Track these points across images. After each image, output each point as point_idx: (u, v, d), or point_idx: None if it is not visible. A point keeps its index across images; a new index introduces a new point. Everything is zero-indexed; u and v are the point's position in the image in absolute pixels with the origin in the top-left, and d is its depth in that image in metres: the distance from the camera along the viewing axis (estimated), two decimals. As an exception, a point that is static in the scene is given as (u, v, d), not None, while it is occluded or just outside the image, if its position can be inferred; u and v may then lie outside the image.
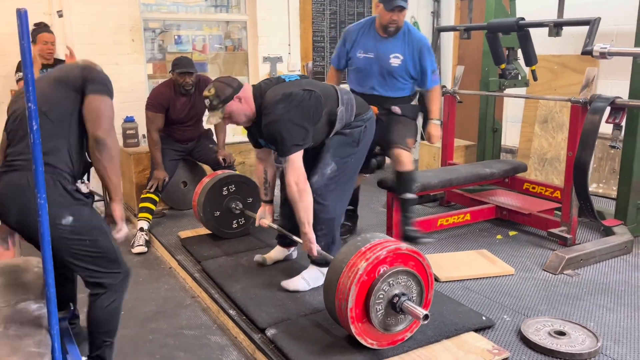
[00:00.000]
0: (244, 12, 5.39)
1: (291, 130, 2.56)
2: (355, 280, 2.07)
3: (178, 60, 4.04)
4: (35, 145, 1.73)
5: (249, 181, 3.73)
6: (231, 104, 2.63)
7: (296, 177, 2.57)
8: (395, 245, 2.16)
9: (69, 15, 4.35)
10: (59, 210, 1.98)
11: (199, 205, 3.58)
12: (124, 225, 2.23)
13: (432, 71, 3.40)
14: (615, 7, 4.48)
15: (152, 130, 4.04)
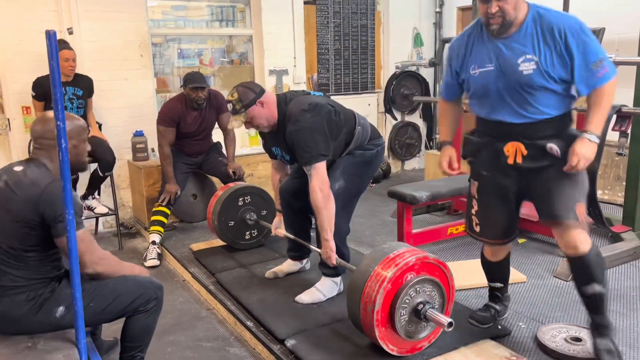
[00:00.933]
0: (249, 27, 5.46)
1: (317, 140, 2.61)
2: (384, 284, 2.11)
3: (190, 76, 4.08)
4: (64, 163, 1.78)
5: (265, 194, 3.77)
6: (253, 108, 2.68)
7: (321, 183, 2.61)
8: (423, 254, 2.20)
9: (79, 32, 4.41)
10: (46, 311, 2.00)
11: (214, 214, 3.62)
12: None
13: (598, 61, 2.09)
14: (617, 16, 4.55)
15: (164, 144, 4.08)
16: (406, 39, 6.36)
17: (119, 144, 4.65)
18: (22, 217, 1.91)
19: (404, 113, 6.48)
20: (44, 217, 1.91)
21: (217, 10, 5.44)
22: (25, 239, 1.94)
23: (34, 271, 1.99)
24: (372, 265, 2.21)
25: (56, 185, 1.93)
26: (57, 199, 1.90)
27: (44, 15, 4.32)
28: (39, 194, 1.91)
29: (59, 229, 1.92)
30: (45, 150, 2.02)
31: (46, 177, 1.97)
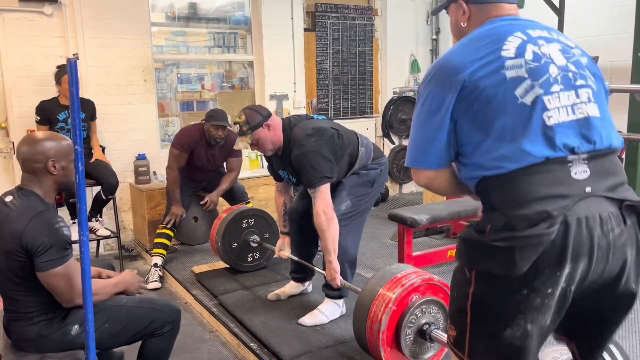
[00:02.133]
0: (250, 53, 5.58)
1: (321, 163, 2.68)
2: (390, 304, 2.15)
3: (215, 112, 4.12)
4: (81, 186, 1.83)
5: (268, 216, 3.82)
6: (260, 130, 2.76)
7: (324, 206, 2.67)
8: (428, 275, 2.27)
9: (84, 58, 4.50)
10: (62, 331, 2.01)
11: (217, 235, 3.66)
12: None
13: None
14: (609, 44, 4.69)
15: (174, 167, 4.10)
16: (403, 65, 6.50)
17: (121, 167, 4.70)
18: (12, 250, 1.90)
19: (401, 137, 6.58)
20: (27, 251, 1.88)
21: (218, 37, 5.56)
22: (24, 269, 1.92)
23: (45, 296, 1.99)
24: (378, 286, 2.25)
25: (41, 217, 1.90)
26: (38, 233, 1.87)
27: (51, 41, 4.41)
28: (22, 229, 1.87)
29: (37, 263, 1.87)
30: (34, 175, 1.99)
31: (32, 208, 1.93)
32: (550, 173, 1.35)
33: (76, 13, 4.45)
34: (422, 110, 1.47)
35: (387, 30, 6.31)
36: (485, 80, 1.37)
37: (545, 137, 1.35)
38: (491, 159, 1.38)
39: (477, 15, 1.54)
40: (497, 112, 1.37)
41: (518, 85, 1.37)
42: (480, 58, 1.40)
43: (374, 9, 6.26)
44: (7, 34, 4.25)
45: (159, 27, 5.20)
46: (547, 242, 1.28)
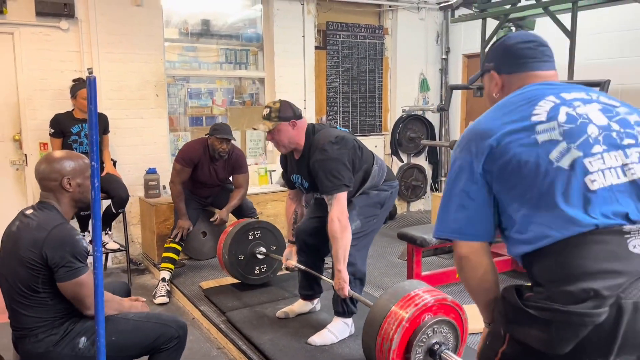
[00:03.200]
0: (261, 69, 5.63)
1: (341, 171, 2.70)
2: (402, 323, 2.14)
3: (219, 126, 4.14)
4: (96, 202, 1.85)
5: (275, 229, 3.83)
6: (285, 124, 2.78)
7: (340, 213, 2.67)
8: (442, 295, 2.25)
9: (98, 73, 4.55)
10: (70, 344, 2.04)
11: (224, 248, 3.66)
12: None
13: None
14: (620, 67, 4.70)
15: (177, 182, 4.14)
16: (413, 83, 6.54)
17: (131, 181, 4.72)
18: (27, 261, 1.95)
19: (410, 155, 6.59)
20: (47, 261, 1.95)
21: (230, 53, 5.62)
22: (35, 281, 1.97)
23: (51, 310, 2.03)
24: (391, 303, 2.24)
25: (62, 228, 1.98)
26: (60, 243, 1.94)
27: (66, 56, 4.48)
28: (44, 238, 1.95)
29: (60, 274, 1.95)
30: (51, 192, 2.07)
31: (53, 220, 2.01)
32: (601, 245, 1.18)
33: (92, 28, 4.52)
34: (452, 177, 1.40)
35: (397, 49, 6.36)
36: (515, 146, 1.28)
37: (590, 203, 1.22)
38: (530, 230, 1.25)
39: (509, 85, 1.49)
40: (531, 179, 1.26)
41: (552, 149, 1.26)
42: (509, 122, 1.32)
43: (385, 28, 6.32)
44: (24, 48, 4.32)
45: (172, 42, 5.27)
46: (591, 324, 1.12)
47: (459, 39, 6.45)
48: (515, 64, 1.47)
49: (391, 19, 6.34)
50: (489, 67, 1.54)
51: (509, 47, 1.49)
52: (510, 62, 1.49)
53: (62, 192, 2.07)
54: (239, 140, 5.57)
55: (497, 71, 1.51)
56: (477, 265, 1.38)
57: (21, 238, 1.98)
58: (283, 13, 5.49)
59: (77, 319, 2.09)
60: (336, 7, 5.90)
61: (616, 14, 4.49)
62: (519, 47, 1.48)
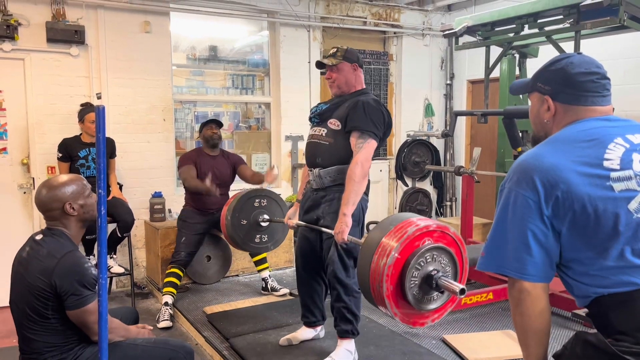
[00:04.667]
0: (268, 94, 5.69)
1: (380, 124, 2.80)
2: (402, 239, 2.07)
3: (205, 121, 4.45)
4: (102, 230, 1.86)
5: (281, 201, 3.81)
6: (348, 65, 2.90)
7: (365, 159, 2.72)
8: (445, 224, 2.19)
9: (107, 97, 4.62)
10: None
11: (229, 210, 3.60)
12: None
13: None
14: (624, 94, 4.71)
15: (188, 178, 4.20)
16: (417, 109, 6.58)
17: (137, 205, 4.75)
18: (36, 289, 1.97)
19: (414, 180, 6.59)
20: (56, 290, 1.96)
21: (237, 78, 5.69)
22: (45, 308, 1.99)
23: (61, 336, 2.04)
24: (391, 224, 2.17)
25: (71, 256, 2.00)
26: (69, 272, 1.96)
27: (75, 81, 4.55)
28: (53, 267, 1.96)
29: (70, 302, 1.97)
30: (57, 220, 2.09)
31: (63, 247, 2.02)
32: None
33: (101, 54, 4.60)
34: (511, 211, 1.33)
35: (402, 74, 6.43)
36: (589, 192, 1.24)
37: None
38: (611, 276, 1.24)
39: (563, 114, 1.43)
40: (611, 230, 1.23)
41: (631, 199, 1.24)
42: (579, 163, 1.27)
43: (390, 54, 6.39)
44: (34, 73, 4.40)
45: (179, 68, 5.35)
46: None
47: (463, 65, 6.51)
48: (575, 95, 1.40)
49: (396, 45, 6.42)
50: (545, 90, 1.46)
51: (571, 77, 1.41)
52: (569, 92, 1.41)
53: (68, 217, 2.09)
54: (245, 164, 5.60)
55: (553, 97, 1.43)
56: (537, 300, 1.33)
57: (31, 265, 2.00)
58: (289, 39, 5.58)
59: (86, 345, 2.10)
60: (342, 33, 5.99)
61: (619, 41, 4.53)
62: (581, 79, 1.40)
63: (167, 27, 4.95)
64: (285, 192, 5.70)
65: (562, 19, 3.72)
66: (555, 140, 1.37)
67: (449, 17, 6.40)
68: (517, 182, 1.33)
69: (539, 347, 1.36)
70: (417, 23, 6.38)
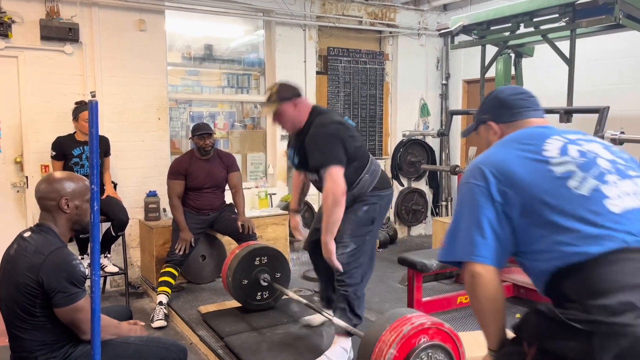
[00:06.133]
0: (263, 94, 5.67)
1: (336, 147, 2.70)
2: (398, 338, 2.09)
3: (197, 125, 4.36)
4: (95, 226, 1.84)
5: (281, 256, 3.81)
6: (286, 105, 2.85)
7: (334, 187, 2.67)
8: (439, 321, 2.22)
9: (101, 96, 4.59)
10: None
11: (229, 270, 3.63)
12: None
13: None
14: (620, 94, 4.72)
15: (172, 196, 4.28)
16: (413, 108, 6.58)
17: (131, 204, 4.72)
18: (24, 286, 1.94)
19: (410, 179, 6.59)
20: (43, 287, 1.93)
21: (232, 77, 5.67)
22: (33, 305, 1.96)
23: (50, 334, 2.01)
24: (388, 322, 2.19)
25: (58, 253, 1.97)
26: (57, 269, 1.93)
27: (69, 79, 4.52)
28: (40, 264, 1.93)
29: (57, 299, 1.94)
30: (49, 213, 2.07)
31: (51, 244, 1.99)
32: (632, 262, 1.28)
33: (96, 52, 4.57)
34: (466, 202, 1.47)
35: (398, 74, 6.42)
36: (534, 176, 1.39)
37: (613, 224, 1.32)
38: (561, 249, 1.34)
39: (507, 132, 1.59)
40: (555, 206, 1.36)
41: (570, 179, 1.38)
42: (524, 150, 1.44)
43: (385, 54, 6.39)
44: (28, 71, 4.36)
45: (175, 67, 5.32)
46: (631, 335, 1.18)
47: (459, 65, 6.52)
48: (512, 113, 1.61)
49: (392, 45, 6.42)
50: (486, 118, 1.67)
51: (504, 99, 1.64)
52: (507, 112, 1.62)
53: (60, 213, 2.06)
54: (240, 163, 5.57)
55: (496, 121, 1.63)
56: (489, 283, 1.43)
57: (18, 262, 1.98)
58: (285, 39, 5.57)
59: (76, 343, 2.07)
60: (337, 33, 5.98)
61: (615, 40, 4.54)
62: (513, 98, 1.63)
63: (162, 25, 4.93)
64: (280, 191, 5.69)
65: (558, 18, 3.71)
66: (501, 142, 1.55)
67: (444, 16, 6.41)
68: (470, 177, 1.48)
69: (496, 324, 1.49)
70: (412, 23, 6.38)
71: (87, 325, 1.96)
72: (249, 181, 5.54)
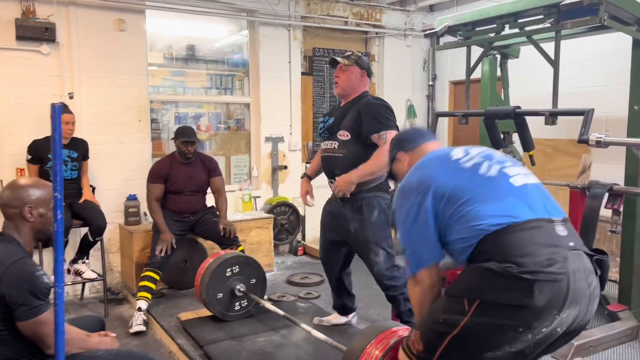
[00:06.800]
0: (247, 95, 5.59)
1: (391, 116, 3.06)
2: (385, 350, 2.00)
3: (182, 129, 4.25)
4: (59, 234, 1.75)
5: (252, 261, 3.72)
6: (357, 70, 3.12)
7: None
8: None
9: (79, 97, 4.49)
10: None
11: (202, 286, 3.54)
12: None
13: None
14: (604, 95, 4.70)
15: (151, 199, 4.21)
16: (400, 110, 6.51)
17: (111, 208, 4.62)
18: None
19: (397, 181, 6.52)
20: (4, 299, 1.83)
21: (216, 78, 5.58)
22: (2, 316, 1.86)
23: (13, 348, 1.92)
24: (374, 334, 2.10)
25: (20, 264, 1.87)
26: (18, 280, 1.83)
27: (46, 80, 4.41)
28: (1, 275, 1.83)
29: (20, 312, 1.84)
30: (12, 221, 1.97)
31: (12, 254, 1.89)
32: (543, 228, 1.60)
33: (73, 53, 4.46)
34: (404, 219, 1.75)
35: (384, 75, 6.36)
36: (450, 179, 1.70)
37: (519, 199, 1.66)
38: (490, 217, 1.61)
39: (415, 157, 1.95)
40: (475, 188, 1.67)
41: (480, 167, 1.73)
42: (437, 166, 1.77)
43: (371, 55, 6.32)
44: (3, 71, 4.24)
45: (156, 67, 5.22)
46: (562, 280, 1.50)
47: (446, 66, 6.47)
48: (413, 141, 2.03)
49: (378, 46, 6.35)
50: (394, 153, 2.07)
51: (404, 134, 2.13)
52: (409, 142, 2.03)
53: (23, 222, 1.96)
54: (223, 165, 5.49)
55: (402, 150, 2.03)
56: (433, 289, 1.74)
57: None
58: (269, 39, 5.48)
59: (42, 357, 1.98)
60: (323, 33, 5.90)
61: (601, 42, 4.51)
62: (411, 132, 2.13)
63: (143, 25, 4.82)
64: (265, 194, 5.61)
65: (543, 19, 3.66)
66: (415, 165, 1.86)
67: (431, 17, 6.35)
68: (400, 198, 1.79)
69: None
70: (399, 23, 6.33)
71: (52, 339, 1.86)
72: (232, 184, 5.45)
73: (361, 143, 3.02)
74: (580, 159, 4.59)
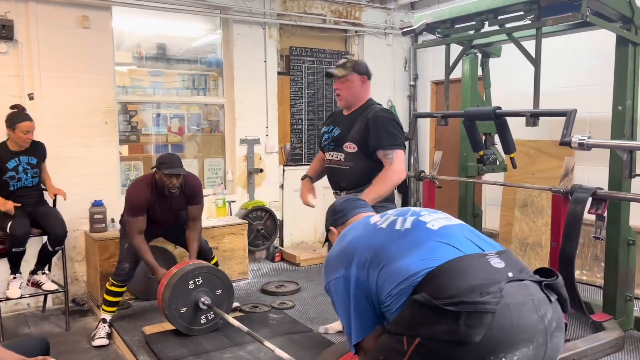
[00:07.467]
0: (221, 95, 5.38)
1: (399, 133, 2.94)
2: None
3: (166, 159, 3.57)
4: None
5: (217, 271, 3.54)
6: (357, 77, 3.00)
7: (399, 169, 2.89)
8: None
9: (40, 98, 4.26)
10: None
11: (164, 301, 3.35)
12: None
13: None
14: (588, 95, 4.57)
15: (134, 234, 3.61)
16: (381, 110, 6.34)
17: (76, 214, 4.40)
18: None
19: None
20: None
21: (188, 78, 5.37)
22: None
23: None
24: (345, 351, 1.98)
25: None
26: None
27: (4, 80, 4.18)
28: None
29: None
30: None
31: None
32: (475, 262, 1.52)
33: (33, 51, 4.23)
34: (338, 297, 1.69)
35: (364, 75, 6.18)
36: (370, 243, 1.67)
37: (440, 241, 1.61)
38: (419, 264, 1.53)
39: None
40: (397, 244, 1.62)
41: (395, 224, 1.71)
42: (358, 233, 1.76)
43: (351, 54, 6.14)
44: (-43, 72, 4.01)
45: (124, 67, 4.99)
46: (491, 312, 1.36)
47: (427, 66, 6.32)
48: (343, 215, 2.05)
49: (357, 45, 6.18)
50: (328, 226, 2.10)
51: (336, 207, 2.10)
52: (339, 218, 2.06)
53: None
54: (197, 169, 5.28)
55: (334, 225, 2.06)
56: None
57: None
58: (243, 37, 5.28)
59: None
60: (300, 31, 5.71)
61: (584, 40, 4.37)
62: (342, 204, 2.09)
63: (109, 22, 4.60)
64: (240, 198, 5.40)
65: (523, 16, 3.51)
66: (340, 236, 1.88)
67: (411, 15, 6.19)
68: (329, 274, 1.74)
69: None
70: (379, 21, 6.16)
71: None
72: (206, 188, 5.24)
73: (368, 156, 2.96)
74: (564, 160, 4.45)
